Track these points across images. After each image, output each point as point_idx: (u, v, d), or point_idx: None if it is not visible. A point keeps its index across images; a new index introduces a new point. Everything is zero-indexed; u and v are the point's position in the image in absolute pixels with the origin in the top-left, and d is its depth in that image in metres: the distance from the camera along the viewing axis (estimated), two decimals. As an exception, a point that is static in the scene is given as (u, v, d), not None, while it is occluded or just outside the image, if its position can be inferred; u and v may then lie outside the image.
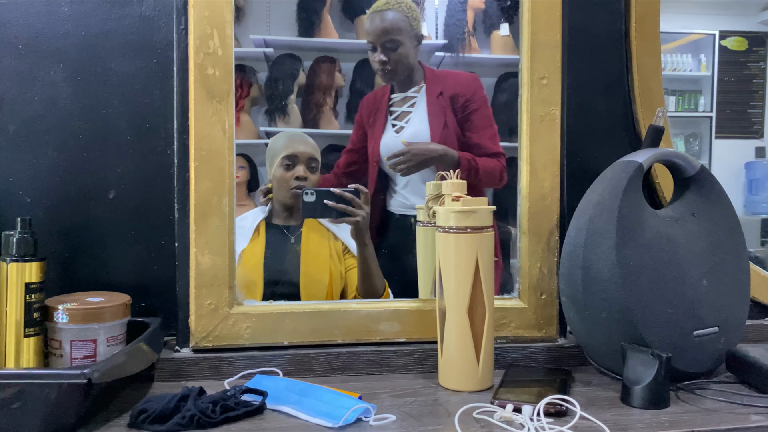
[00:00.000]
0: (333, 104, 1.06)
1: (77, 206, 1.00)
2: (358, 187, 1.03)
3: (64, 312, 0.85)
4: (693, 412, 0.82)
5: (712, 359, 0.94)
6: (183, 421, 0.75)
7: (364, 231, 1.03)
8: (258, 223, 1.03)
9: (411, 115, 1.06)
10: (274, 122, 1.03)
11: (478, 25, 1.08)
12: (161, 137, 1.02)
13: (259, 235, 1.03)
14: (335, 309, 0.98)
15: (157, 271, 1.02)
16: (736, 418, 0.79)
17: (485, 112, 1.07)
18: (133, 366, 0.83)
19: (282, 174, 1.02)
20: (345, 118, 1.06)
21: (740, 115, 1.31)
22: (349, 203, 1.02)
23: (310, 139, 1.04)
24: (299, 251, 1.04)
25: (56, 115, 0.99)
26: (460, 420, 0.77)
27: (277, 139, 1.03)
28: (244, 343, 0.95)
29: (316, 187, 1.03)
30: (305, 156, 1.03)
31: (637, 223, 0.90)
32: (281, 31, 1.04)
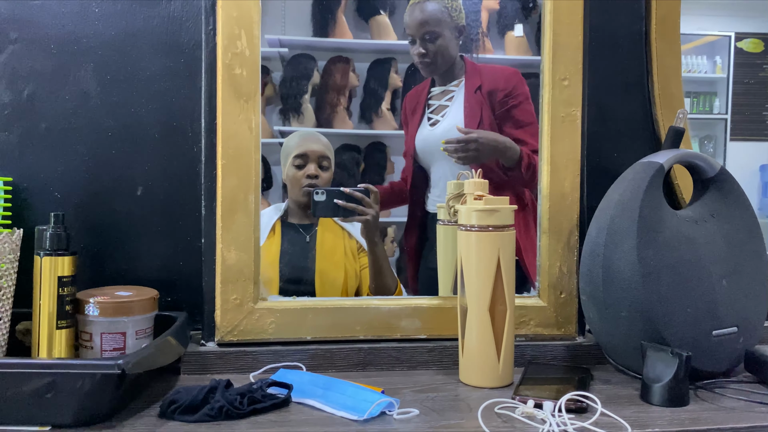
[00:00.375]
0: (347, 104, 1.07)
1: (106, 202, 1.02)
2: (368, 186, 1.04)
3: (95, 305, 0.87)
4: (712, 410, 0.83)
5: (730, 359, 0.94)
6: (212, 412, 0.77)
7: (374, 230, 1.04)
8: (274, 221, 1.05)
9: (447, 109, 1.06)
10: (288, 122, 1.05)
11: (492, 25, 1.09)
12: (187, 135, 1.04)
13: (275, 234, 1.05)
14: (357, 305, 1.00)
15: (183, 266, 1.04)
16: (756, 416, 0.80)
17: (527, 108, 1.06)
18: (162, 358, 0.85)
19: (294, 173, 1.04)
20: (358, 118, 1.07)
21: (755, 117, 1.31)
22: (359, 202, 1.03)
23: (323, 137, 1.05)
24: (314, 249, 1.06)
25: (86, 113, 1.02)
26: (482, 415, 0.78)
27: (291, 139, 1.04)
28: (268, 338, 0.97)
29: (330, 185, 1.04)
30: (316, 154, 1.04)
31: (658, 223, 0.91)
32: (296, 31, 1.05)
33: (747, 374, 0.96)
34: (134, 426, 0.75)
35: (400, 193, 1.07)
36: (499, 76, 1.07)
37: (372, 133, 1.07)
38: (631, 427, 0.75)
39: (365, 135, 1.07)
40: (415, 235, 1.08)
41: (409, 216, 1.08)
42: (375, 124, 1.07)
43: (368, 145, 1.07)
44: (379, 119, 1.08)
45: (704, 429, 0.77)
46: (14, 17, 0.99)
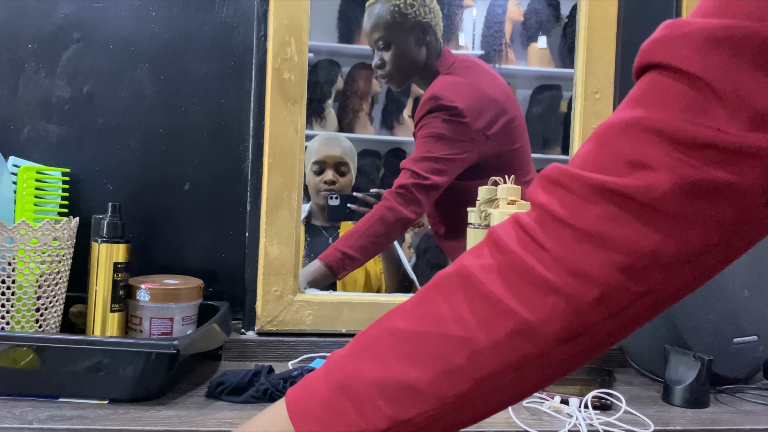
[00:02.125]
0: (369, 110, 1.10)
1: (155, 195, 1.08)
2: (380, 191, 1.07)
3: (146, 291, 0.93)
4: (732, 412, 0.86)
5: (750, 366, 0.98)
6: (257, 394, 0.82)
7: None
8: (299, 223, 1.09)
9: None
10: (311, 125, 1.08)
11: (515, 36, 1.10)
12: (234, 135, 1.09)
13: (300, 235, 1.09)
14: (391, 301, 1.04)
15: (225, 258, 1.09)
16: (774, 419, 0.84)
17: (425, 133, 1.01)
18: (209, 343, 0.90)
19: (312, 178, 1.08)
20: (380, 124, 1.10)
21: None
22: (370, 207, 1.07)
23: (345, 141, 1.07)
24: (336, 252, 1.10)
25: (140, 111, 1.08)
26: (512, 408, 0.83)
27: (313, 143, 1.07)
28: (306, 329, 1.02)
29: (350, 190, 1.08)
30: (333, 160, 1.07)
31: (684, 232, 0.94)
32: (322, 37, 1.08)
33: (765, 382, 0.99)
34: (185, 404, 0.81)
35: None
36: (423, 100, 0.97)
37: (393, 139, 1.10)
38: (654, 425, 0.79)
39: (386, 141, 1.10)
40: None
41: (446, 228, 1.11)
42: (396, 131, 1.10)
43: (388, 151, 1.10)
44: (400, 126, 1.10)
45: (724, 429, 0.80)
46: (78, 18, 1.05)
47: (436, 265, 1.11)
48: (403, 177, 0.98)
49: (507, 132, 1.01)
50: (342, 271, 0.98)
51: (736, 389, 0.95)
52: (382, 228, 0.96)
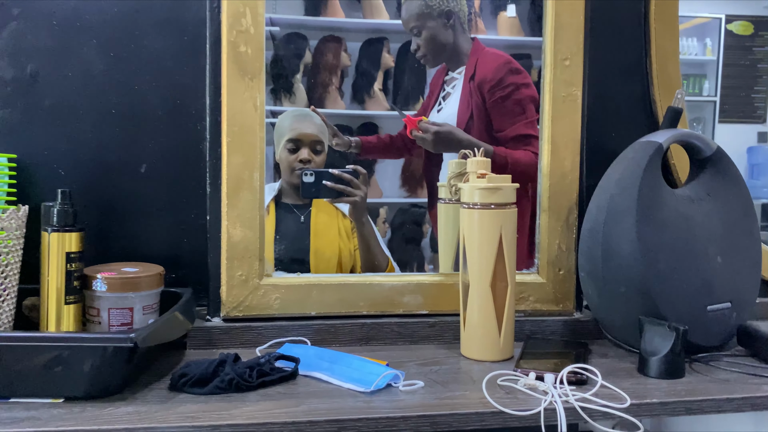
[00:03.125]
0: (339, 84, 1.07)
1: (110, 180, 1.03)
2: (357, 167, 1.05)
3: (102, 280, 0.88)
4: (707, 382, 0.85)
5: (723, 333, 0.97)
6: (222, 384, 0.79)
7: (362, 211, 1.05)
8: (268, 202, 1.05)
9: (451, 97, 1.08)
10: (280, 101, 1.05)
11: (485, 5, 1.08)
12: (191, 113, 1.04)
13: (269, 214, 1.06)
14: (361, 282, 1.01)
15: (188, 243, 1.05)
16: (749, 387, 0.83)
17: (517, 98, 1.06)
18: (171, 333, 0.87)
19: (287, 156, 1.04)
20: (350, 98, 1.07)
21: (744, 99, 1.33)
22: (347, 184, 1.04)
23: (317, 118, 1.04)
24: (308, 229, 1.07)
25: (90, 91, 1.02)
26: (486, 387, 0.81)
27: (284, 119, 1.04)
28: (274, 313, 0.99)
29: (323, 167, 1.05)
30: (309, 139, 1.04)
31: (657, 201, 0.93)
32: (287, 10, 1.04)
33: (739, 348, 0.99)
34: (146, 398, 0.77)
35: (386, 145, 1.07)
36: (489, 66, 1.07)
37: (364, 113, 1.07)
38: (630, 398, 0.78)
39: (357, 116, 1.07)
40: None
41: (429, 195, 1.10)
42: (367, 105, 1.07)
43: (360, 125, 1.07)
44: (371, 100, 1.08)
45: (700, 400, 0.79)
46: (16, -7, 0.98)
47: (412, 240, 1.09)
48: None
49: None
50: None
51: (710, 358, 0.94)
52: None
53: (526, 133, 1.07)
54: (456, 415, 0.75)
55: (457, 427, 0.75)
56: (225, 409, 0.74)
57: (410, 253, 1.10)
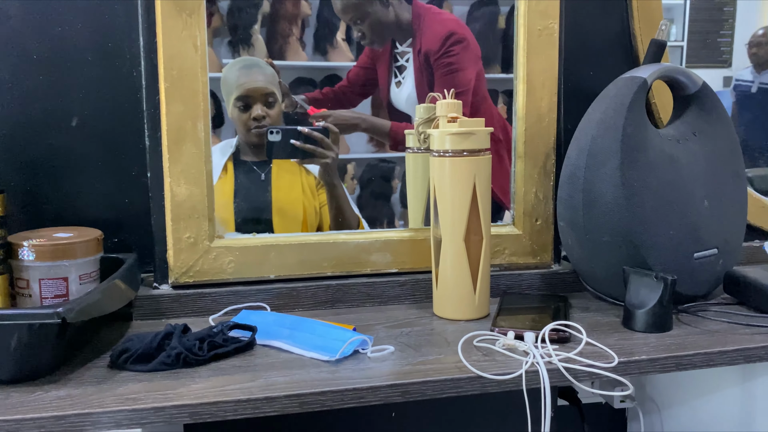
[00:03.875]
0: (299, 35, 0.98)
1: (37, 135, 0.91)
2: (328, 125, 0.96)
3: (29, 248, 0.78)
4: (697, 334, 0.80)
5: (710, 281, 0.92)
6: (168, 360, 0.70)
7: (333, 172, 0.97)
8: (226, 159, 0.96)
9: (406, 72, 0.99)
10: (238, 54, 0.95)
11: None
12: (126, 57, 0.93)
13: (227, 173, 0.96)
14: (324, 240, 0.93)
15: (129, 204, 0.95)
16: (742, 339, 0.78)
17: (449, 69, 0.99)
18: (109, 304, 0.77)
19: (239, 116, 0.94)
20: (313, 49, 0.99)
21: (711, 44, 1.27)
22: (317, 143, 0.95)
23: (266, 67, 0.95)
24: (270, 187, 0.98)
25: (5, 35, 0.89)
26: (462, 349, 0.74)
27: (229, 71, 0.94)
28: (228, 278, 0.90)
29: (280, 120, 0.95)
30: (259, 93, 0.94)
31: (642, 142, 0.86)
32: None
33: (726, 296, 0.94)
34: (81, 379, 0.68)
35: (329, 99, 0.99)
36: (432, 36, 0.98)
37: (327, 65, 1.00)
38: (617, 356, 0.72)
39: (320, 67, 0.99)
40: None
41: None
42: (330, 56, 0.99)
43: (324, 78, 0.99)
44: (334, 50, 1.00)
45: (691, 354, 0.74)
46: None
47: (381, 195, 1.01)
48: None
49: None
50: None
51: (697, 308, 0.89)
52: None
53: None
54: (430, 383, 0.68)
55: (431, 395, 0.68)
56: (171, 387, 0.66)
57: (380, 210, 1.02)
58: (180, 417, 0.62)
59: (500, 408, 1.06)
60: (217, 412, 0.63)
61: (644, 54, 1.03)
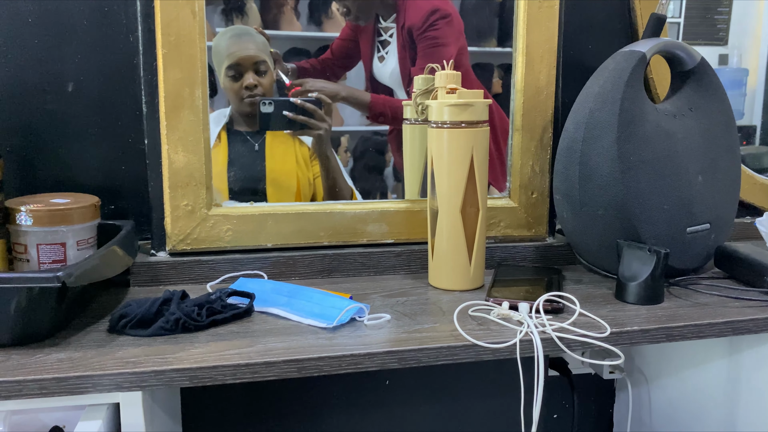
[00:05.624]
0: (294, 4, 0.97)
1: (32, 100, 0.90)
2: (321, 97, 0.95)
3: (27, 213, 0.78)
4: (688, 306, 0.81)
5: (702, 256, 0.93)
6: (167, 325, 0.71)
7: (326, 143, 0.97)
8: (219, 129, 0.95)
9: (390, 47, 0.98)
10: (231, 22, 0.94)
11: None
12: (122, 22, 0.91)
13: (221, 143, 0.96)
14: (321, 210, 0.93)
15: (126, 170, 0.94)
16: (731, 311, 0.79)
17: (433, 42, 0.98)
18: (108, 270, 0.78)
19: (230, 85, 0.94)
20: (308, 19, 0.97)
21: (707, 21, 1.27)
22: (310, 115, 0.95)
23: (256, 35, 0.94)
24: (264, 158, 0.98)
25: (-1, -4, 0.88)
26: (457, 318, 0.75)
27: (219, 40, 0.93)
28: (225, 246, 0.91)
29: (273, 89, 0.95)
30: (250, 61, 0.94)
31: (639, 116, 0.86)
32: None
33: (716, 270, 0.95)
34: (81, 343, 0.69)
35: (317, 71, 0.98)
36: (416, 11, 0.97)
37: (322, 36, 0.98)
38: (610, 327, 0.73)
39: (315, 38, 0.98)
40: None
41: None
42: (325, 26, 0.98)
43: (318, 48, 0.98)
44: (329, 21, 0.98)
45: (681, 326, 0.75)
46: None
47: (374, 168, 1.01)
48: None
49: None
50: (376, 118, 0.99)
51: (688, 281, 0.90)
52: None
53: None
54: (426, 350, 0.69)
55: (426, 362, 0.69)
56: (170, 351, 0.67)
57: (373, 183, 1.02)
58: (179, 380, 0.63)
59: (493, 377, 1.08)
60: (216, 375, 0.64)
61: (643, 28, 1.03)
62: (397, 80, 0.99)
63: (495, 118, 1.01)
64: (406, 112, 1.01)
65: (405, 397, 1.07)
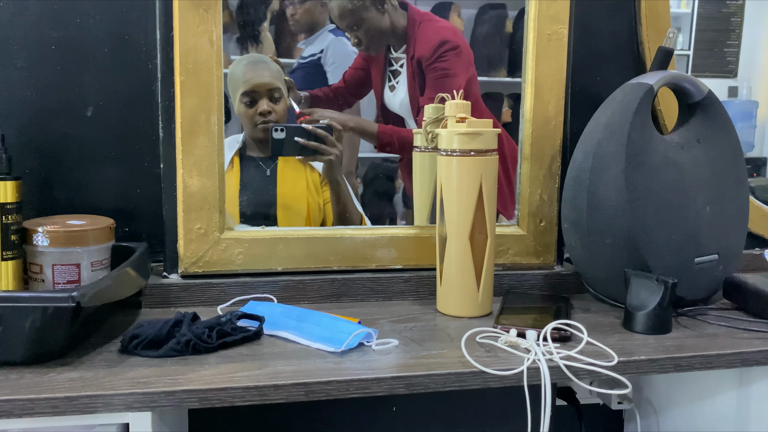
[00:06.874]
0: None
1: (53, 123, 0.93)
2: (332, 123, 0.97)
3: (44, 234, 0.80)
4: (696, 337, 0.81)
5: (710, 286, 0.93)
6: (178, 346, 0.72)
7: (337, 169, 0.98)
8: (232, 155, 0.97)
9: (400, 77, 1.00)
10: (246, 50, 0.96)
11: None
12: (142, 50, 0.94)
13: (234, 168, 0.98)
14: (331, 235, 0.95)
15: (141, 194, 0.96)
16: (739, 342, 0.79)
17: (442, 73, 1.00)
18: (121, 291, 0.79)
19: (245, 111, 0.96)
20: None
21: (716, 53, 1.28)
22: (321, 140, 0.96)
23: (271, 63, 0.97)
24: (275, 183, 1.00)
25: (25, 23, 0.91)
26: (464, 345, 0.75)
27: (235, 68, 0.95)
28: (236, 269, 0.92)
29: (285, 116, 0.97)
30: (265, 88, 0.96)
31: (646, 147, 0.87)
32: None
33: (725, 301, 0.95)
34: (93, 363, 0.70)
35: (329, 99, 1.00)
36: (426, 43, 1.00)
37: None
38: (617, 356, 0.73)
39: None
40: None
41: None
42: None
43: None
44: None
45: (689, 356, 0.75)
46: None
47: (384, 194, 1.02)
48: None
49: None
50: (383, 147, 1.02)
51: (697, 311, 0.90)
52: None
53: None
54: (433, 376, 0.69)
55: (434, 388, 0.70)
56: (181, 373, 0.67)
57: (382, 209, 1.03)
58: (189, 401, 0.64)
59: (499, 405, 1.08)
60: (225, 397, 0.64)
61: (651, 61, 1.04)
62: (407, 109, 1.01)
63: (504, 146, 1.02)
64: (416, 139, 1.02)
65: (412, 423, 1.06)
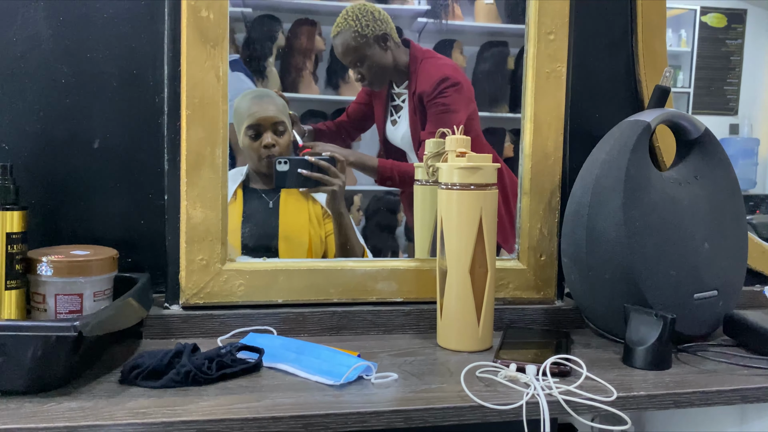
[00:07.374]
0: (313, 68, 1.02)
1: (60, 155, 0.95)
2: (334, 154, 0.99)
3: (48, 264, 0.81)
4: (695, 373, 0.81)
5: (710, 322, 0.93)
6: (178, 377, 0.72)
7: (340, 200, 1.00)
8: (235, 187, 0.99)
9: (402, 112, 1.03)
10: (253, 85, 0.99)
11: None
12: (149, 84, 0.96)
13: (237, 200, 0.99)
14: (331, 267, 0.95)
15: (144, 225, 0.97)
16: (740, 379, 0.79)
17: (442, 108, 1.03)
18: (122, 321, 0.79)
19: (250, 144, 0.98)
20: (325, 83, 1.02)
21: (716, 91, 1.31)
22: (324, 172, 0.98)
23: (276, 98, 0.99)
24: (278, 215, 1.01)
25: (37, 58, 0.93)
26: (464, 379, 0.75)
27: (241, 102, 0.98)
28: (237, 301, 0.92)
29: (290, 149, 0.99)
30: (269, 122, 0.98)
31: (644, 183, 0.88)
32: None
33: (725, 338, 0.95)
34: (93, 392, 0.70)
35: (333, 133, 1.02)
36: (427, 79, 1.03)
37: (338, 99, 1.03)
38: (616, 391, 0.73)
39: (332, 101, 1.03)
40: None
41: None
42: (341, 90, 1.03)
43: (334, 111, 1.03)
44: (345, 85, 1.03)
45: (689, 392, 0.75)
46: (-48, -52, 0.89)
47: (387, 227, 1.03)
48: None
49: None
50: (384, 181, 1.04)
51: (697, 347, 0.90)
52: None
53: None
54: (432, 410, 0.69)
55: (433, 422, 0.69)
56: (180, 404, 0.67)
57: (384, 242, 1.04)
58: (187, 433, 0.64)
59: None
60: (224, 429, 0.64)
61: (649, 99, 1.06)
62: (409, 143, 1.03)
63: (506, 180, 1.03)
64: (417, 173, 1.04)
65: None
